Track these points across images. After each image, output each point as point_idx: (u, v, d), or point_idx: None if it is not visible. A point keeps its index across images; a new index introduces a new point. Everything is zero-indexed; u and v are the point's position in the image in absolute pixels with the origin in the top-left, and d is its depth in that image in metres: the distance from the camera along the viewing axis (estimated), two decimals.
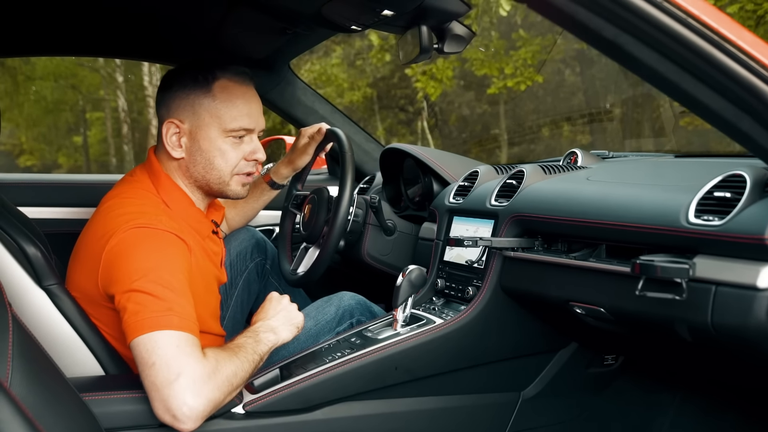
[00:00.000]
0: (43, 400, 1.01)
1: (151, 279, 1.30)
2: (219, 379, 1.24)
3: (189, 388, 1.20)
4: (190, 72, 1.55)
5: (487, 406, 1.68)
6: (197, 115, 1.52)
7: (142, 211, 1.43)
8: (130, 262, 1.33)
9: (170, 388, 1.20)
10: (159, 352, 1.23)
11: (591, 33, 0.98)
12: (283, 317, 1.48)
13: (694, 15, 0.93)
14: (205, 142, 1.52)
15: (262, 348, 1.39)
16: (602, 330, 1.45)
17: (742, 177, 1.13)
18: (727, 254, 1.09)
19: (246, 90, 1.56)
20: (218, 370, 1.25)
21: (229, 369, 1.28)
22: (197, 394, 1.21)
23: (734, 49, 0.94)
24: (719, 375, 1.60)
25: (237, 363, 1.30)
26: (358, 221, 1.94)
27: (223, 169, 1.54)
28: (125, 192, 1.52)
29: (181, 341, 1.25)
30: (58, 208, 2.23)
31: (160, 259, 1.35)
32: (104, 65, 14.30)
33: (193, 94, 1.52)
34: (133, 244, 1.36)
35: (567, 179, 1.61)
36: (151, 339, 1.24)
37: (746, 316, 1.04)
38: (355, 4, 1.53)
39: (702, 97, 0.99)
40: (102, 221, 1.44)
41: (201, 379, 1.22)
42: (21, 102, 14.20)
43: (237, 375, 1.29)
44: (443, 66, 9.57)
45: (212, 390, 1.23)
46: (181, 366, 1.21)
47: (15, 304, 1.36)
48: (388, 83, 12.68)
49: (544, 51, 9.04)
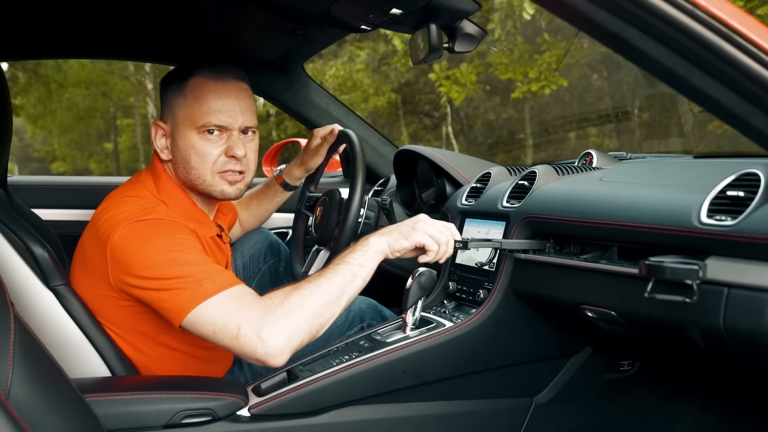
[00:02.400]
0: (43, 401, 1.01)
1: (167, 264, 1.32)
2: (282, 310, 1.27)
3: (254, 333, 1.25)
4: (172, 73, 1.56)
5: (499, 412, 1.65)
6: (174, 115, 1.53)
7: (141, 206, 1.45)
8: (140, 254, 1.35)
9: (239, 342, 1.26)
10: (212, 321, 1.28)
11: (596, 26, 0.95)
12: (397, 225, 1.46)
13: (702, 6, 0.90)
14: (182, 141, 1.52)
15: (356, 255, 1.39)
16: (615, 334, 1.41)
17: (757, 176, 1.09)
18: (740, 255, 1.05)
19: (222, 85, 1.52)
20: (278, 304, 1.28)
21: (299, 296, 1.30)
22: (265, 333, 1.25)
23: (745, 41, 0.91)
24: (738, 381, 1.55)
25: (314, 285, 1.32)
26: (370, 223, 1.92)
27: (200, 167, 1.52)
28: (126, 191, 1.53)
29: (224, 301, 1.29)
30: (72, 210, 2.25)
31: (168, 243, 1.36)
32: (134, 72, 14.54)
33: (170, 93, 1.54)
34: (138, 236, 1.37)
35: (579, 180, 1.58)
36: (196, 315, 1.28)
37: (759, 319, 1.00)
38: (363, 3, 1.52)
39: (712, 92, 0.95)
40: (102, 219, 1.45)
41: (260, 319, 1.26)
42: (54, 109, 14.49)
43: (313, 296, 1.31)
44: (467, 70, 9.53)
45: (278, 322, 1.26)
46: (236, 320, 1.26)
47: (22, 305, 1.38)
48: (412, 88, 12.67)
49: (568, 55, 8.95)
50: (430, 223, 1.44)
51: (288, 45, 2.00)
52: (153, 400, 1.34)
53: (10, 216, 1.48)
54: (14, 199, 1.65)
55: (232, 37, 1.94)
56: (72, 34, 2.00)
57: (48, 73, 13.44)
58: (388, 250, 1.42)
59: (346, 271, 1.36)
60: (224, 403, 1.37)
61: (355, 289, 1.36)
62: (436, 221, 1.46)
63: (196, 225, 1.53)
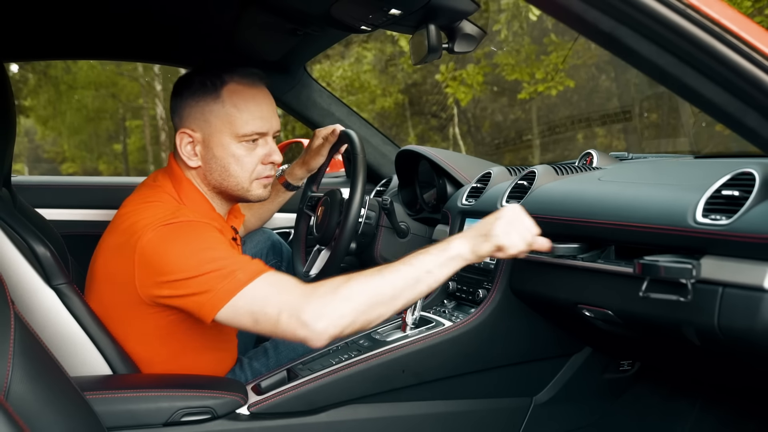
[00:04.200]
0: (43, 398, 1.02)
1: (198, 264, 1.31)
2: (325, 298, 1.25)
3: (295, 317, 1.24)
4: (198, 77, 1.52)
5: (498, 411, 1.65)
6: (208, 123, 1.49)
7: (166, 209, 1.43)
8: (171, 257, 1.33)
9: (280, 327, 1.25)
10: (251, 309, 1.27)
11: (588, 26, 0.96)
12: (478, 227, 1.30)
13: (694, 5, 0.90)
14: (219, 149, 1.50)
15: (426, 259, 1.29)
16: (613, 334, 1.42)
17: (751, 175, 1.09)
18: (734, 254, 1.05)
19: (256, 92, 1.53)
20: (324, 292, 1.25)
21: (341, 290, 1.25)
22: (305, 316, 1.23)
23: (737, 41, 0.91)
24: (737, 381, 1.55)
25: (354, 283, 1.26)
26: (371, 223, 1.93)
27: (240, 175, 1.52)
28: (147, 197, 1.50)
29: (261, 288, 1.28)
30: (76, 209, 2.26)
31: (198, 243, 1.35)
32: (143, 74, 14.61)
33: (202, 101, 1.49)
34: (166, 240, 1.35)
35: (578, 180, 1.58)
36: (233, 306, 1.28)
37: (753, 318, 1.00)
38: (362, 3, 1.52)
39: (705, 92, 0.95)
40: (124, 225, 1.43)
41: (300, 303, 1.24)
42: (63, 111, 14.59)
43: (356, 292, 1.25)
44: (473, 71, 9.54)
45: (319, 308, 1.23)
46: (276, 305, 1.25)
47: (24, 304, 1.39)
48: (419, 89, 12.68)
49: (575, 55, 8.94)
50: (514, 223, 1.28)
51: (289, 45, 2.01)
52: (153, 398, 1.35)
53: (13, 215, 1.49)
54: (18, 199, 1.67)
55: (234, 38, 1.95)
56: (76, 34, 2.02)
57: (58, 74, 13.53)
58: (470, 257, 1.28)
59: (409, 275, 1.27)
60: (224, 401, 1.38)
61: (415, 295, 1.28)
62: (520, 218, 1.29)
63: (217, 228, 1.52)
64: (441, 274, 1.28)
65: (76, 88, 14.03)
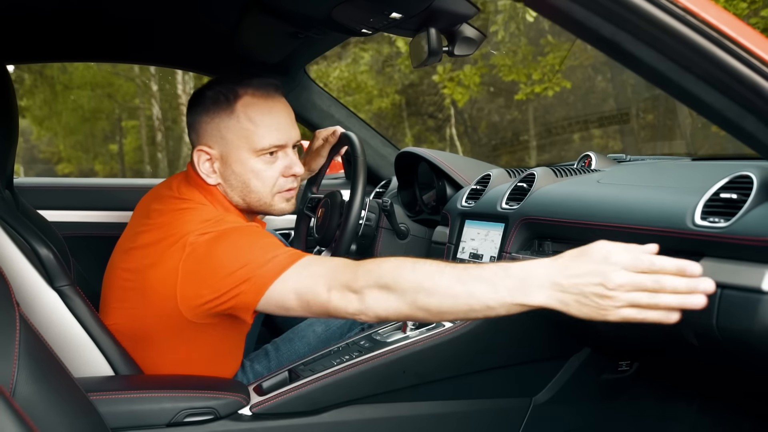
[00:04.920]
0: (48, 399, 1.03)
1: (243, 255, 1.28)
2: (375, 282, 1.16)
3: (345, 288, 1.18)
4: (211, 93, 1.47)
5: (498, 412, 1.66)
6: (225, 139, 1.46)
7: (207, 219, 1.39)
8: (216, 258, 1.30)
9: (332, 303, 1.19)
10: (297, 290, 1.22)
11: (589, 31, 0.97)
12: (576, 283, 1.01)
13: (693, 12, 0.91)
14: (238, 165, 1.46)
15: (489, 293, 1.06)
16: (612, 334, 1.43)
17: (749, 178, 1.11)
18: (732, 256, 1.06)
19: (272, 103, 1.48)
20: (366, 263, 1.20)
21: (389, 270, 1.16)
22: (358, 285, 1.17)
23: (736, 46, 0.92)
24: (735, 382, 1.56)
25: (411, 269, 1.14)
26: (371, 225, 1.94)
27: (261, 190, 1.49)
28: (180, 210, 1.45)
29: (304, 268, 1.24)
30: (78, 211, 2.27)
31: (245, 242, 1.32)
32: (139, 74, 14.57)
33: (217, 117, 1.46)
34: (212, 245, 1.32)
35: (577, 182, 1.59)
36: (277, 290, 1.24)
37: (751, 319, 1.01)
38: (363, 7, 1.53)
39: (704, 96, 0.97)
40: (164, 241, 1.39)
41: (348, 275, 1.18)
42: (59, 111, 14.54)
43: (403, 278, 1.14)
44: (470, 72, 9.56)
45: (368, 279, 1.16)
46: (324, 282, 1.20)
47: (27, 305, 1.39)
48: (416, 90, 12.69)
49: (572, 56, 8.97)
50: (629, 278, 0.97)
51: (290, 48, 2.02)
52: (156, 398, 1.36)
53: (16, 217, 1.50)
54: (20, 201, 1.67)
55: (235, 41, 1.96)
56: (77, 37, 2.02)
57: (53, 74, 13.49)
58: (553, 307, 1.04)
59: (462, 300, 1.09)
60: (226, 402, 1.39)
61: (462, 317, 1.14)
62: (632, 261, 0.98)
63: None
64: (501, 312, 1.08)
65: (72, 89, 13.98)
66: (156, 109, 14.81)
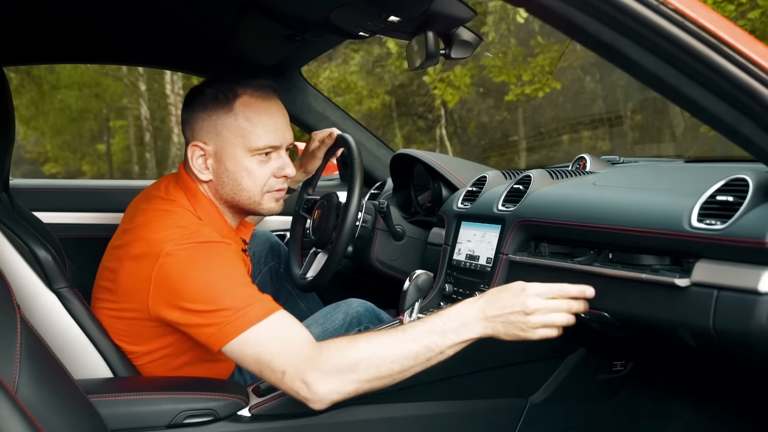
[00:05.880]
0: (49, 402, 1.03)
1: (214, 296, 1.30)
2: (333, 364, 1.25)
3: (298, 377, 1.25)
4: (210, 90, 1.50)
5: (494, 412, 1.67)
6: (221, 136, 1.49)
7: (186, 225, 1.42)
8: (189, 284, 1.32)
9: (284, 384, 1.27)
10: (256, 355, 1.28)
11: (589, 36, 0.98)
12: (503, 314, 1.28)
13: (692, 18, 0.93)
14: (231, 162, 1.49)
15: (441, 342, 1.27)
16: (608, 335, 1.44)
17: (745, 181, 1.13)
18: (728, 258, 1.08)
19: (270, 104, 1.52)
20: (328, 357, 1.26)
21: (349, 357, 1.26)
22: (310, 379, 1.24)
23: (733, 52, 0.94)
24: (729, 382, 1.58)
25: (363, 351, 1.26)
26: (367, 227, 1.95)
27: (252, 189, 1.52)
28: (163, 206, 1.49)
29: (267, 335, 1.28)
30: (72, 213, 2.26)
31: (217, 270, 1.34)
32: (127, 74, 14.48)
33: (215, 114, 1.49)
34: (187, 263, 1.34)
35: (573, 184, 1.61)
36: (239, 345, 1.28)
37: (748, 320, 1.03)
38: (361, 10, 1.54)
39: (701, 101, 0.98)
40: (138, 237, 1.42)
41: (304, 364, 1.25)
42: (46, 111, 14.42)
43: (364, 366, 1.25)
44: (461, 73, 9.58)
45: (325, 376, 1.25)
46: (281, 362, 1.26)
47: (25, 307, 1.39)
48: (406, 91, 12.70)
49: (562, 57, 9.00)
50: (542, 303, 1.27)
51: (286, 51, 2.02)
52: (156, 400, 1.36)
53: (14, 219, 1.49)
54: (16, 202, 1.67)
55: (232, 43, 1.96)
56: (74, 39, 2.02)
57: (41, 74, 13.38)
58: None
59: (422, 355, 1.27)
60: (225, 403, 1.39)
61: (421, 369, 1.29)
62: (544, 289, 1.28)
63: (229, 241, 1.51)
64: (451, 353, 1.29)
65: (59, 88, 13.88)
66: (144, 108, 14.73)
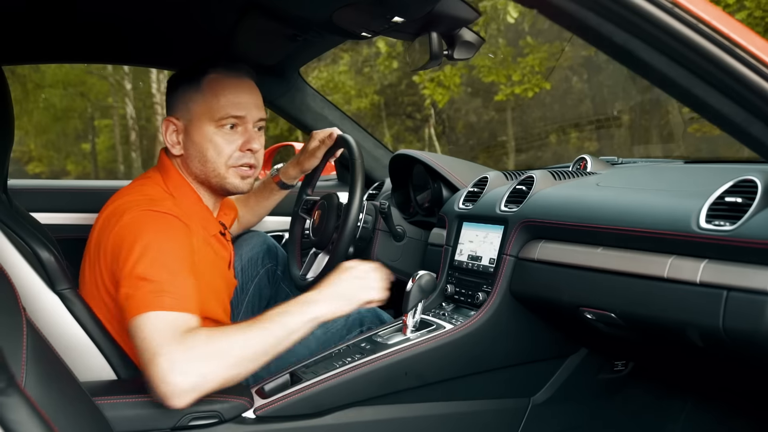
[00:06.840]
0: (57, 404, 1.02)
1: (148, 263, 1.32)
2: (204, 353, 1.24)
3: (167, 367, 1.21)
4: (185, 71, 1.60)
5: (497, 412, 1.68)
6: (189, 111, 1.56)
7: (147, 196, 1.48)
8: (132, 247, 1.35)
9: (150, 367, 1.22)
10: (145, 332, 1.25)
11: (602, 38, 0.99)
12: (336, 289, 1.43)
13: (705, 20, 0.93)
14: (198, 135, 1.55)
15: (290, 320, 1.34)
16: (613, 336, 1.45)
17: (754, 182, 1.14)
18: (738, 259, 1.09)
19: (237, 81, 1.58)
20: (205, 344, 1.25)
21: (224, 342, 1.27)
22: (176, 372, 1.21)
23: (745, 54, 0.95)
24: (731, 381, 1.60)
25: (240, 335, 1.29)
26: (368, 227, 1.95)
27: (217, 161, 1.56)
28: (134, 187, 1.57)
29: (170, 321, 1.26)
30: (69, 213, 2.25)
31: (160, 242, 1.37)
32: (113, 73, 14.38)
33: (186, 92, 1.57)
34: (135, 228, 1.38)
35: (577, 185, 1.61)
36: (140, 320, 1.26)
37: (758, 321, 1.04)
38: (365, 11, 1.53)
39: (712, 102, 0.99)
40: (107, 210, 1.49)
41: (179, 358, 1.22)
42: (30, 110, 14.28)
43: (236, 347, 1.27)
44: (450, 73, 9.59)
45: (194, 365, 1.22)
46: (161, 345, 1.23)
47: (28, 309, 1.37)
48: (395, 90, 12.69)
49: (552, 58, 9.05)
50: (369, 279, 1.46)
51: (287, 51, 2.01)
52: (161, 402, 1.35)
53: (15, 220, 1.48)
54: (14, 203, 1.65)
55: (232, 43, 1.95)
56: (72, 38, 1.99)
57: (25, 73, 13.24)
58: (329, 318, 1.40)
59: (276, 333, 1.32)
60: (230, 405, 1.38)
61: (278, 352, 1.33)
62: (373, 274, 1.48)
63: (200, 221, 1.55)
64: (301, 334, 1.35)
65: (43, 87, 13.75)
66: (130, 108, 14.63)
